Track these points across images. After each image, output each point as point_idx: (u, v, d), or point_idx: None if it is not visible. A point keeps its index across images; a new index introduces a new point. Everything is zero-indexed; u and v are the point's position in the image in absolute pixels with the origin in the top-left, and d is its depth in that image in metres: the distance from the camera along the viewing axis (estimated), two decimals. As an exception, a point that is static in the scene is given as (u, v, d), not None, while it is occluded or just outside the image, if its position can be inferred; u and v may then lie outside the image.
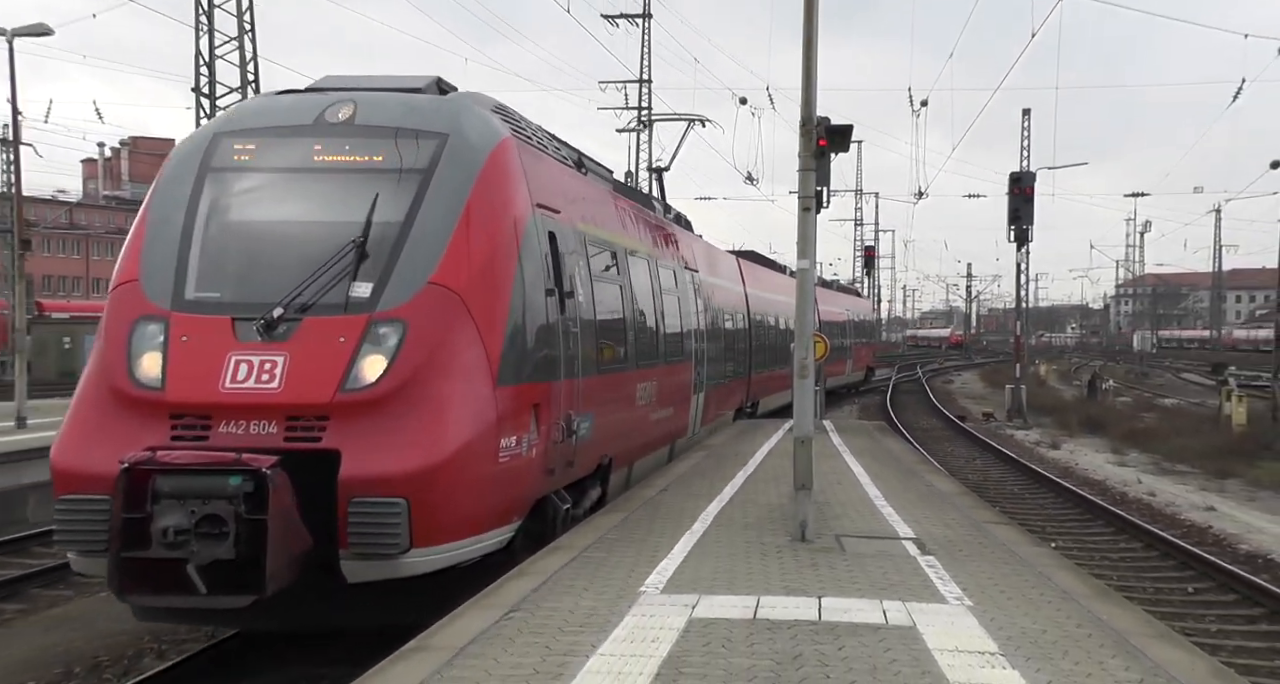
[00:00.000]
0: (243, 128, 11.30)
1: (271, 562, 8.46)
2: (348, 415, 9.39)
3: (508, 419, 10.24)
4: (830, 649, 7.58)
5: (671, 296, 19.22)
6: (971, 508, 14.93)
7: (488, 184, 10.79)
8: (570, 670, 7.05)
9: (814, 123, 12.35)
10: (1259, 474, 25.28)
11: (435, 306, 9.96)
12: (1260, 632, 12.73)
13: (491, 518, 10.18)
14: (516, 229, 11.01)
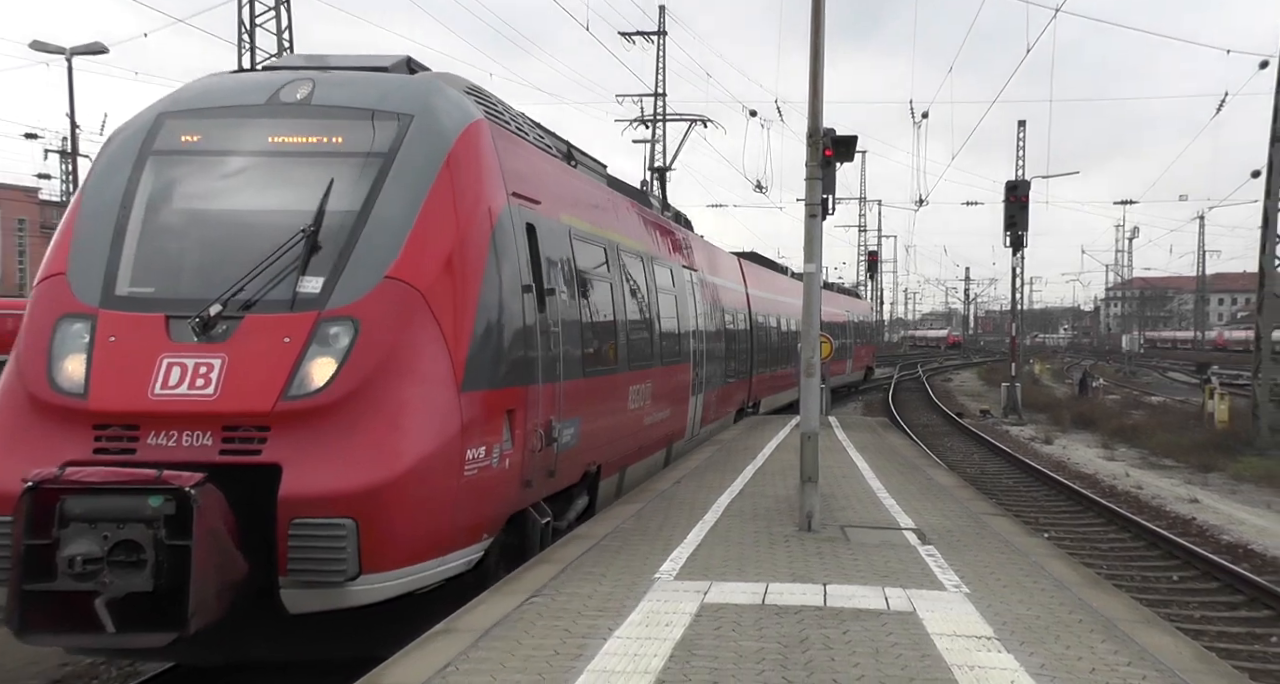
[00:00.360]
0: (189, 108, 9.75)
1: (196, 594, 7.10)
2: (291, 425, 8.03)
3: (474, 428, 8.87)
4: (835, 633, 7.59)
5: (668, 296, 17.79)
6: (969, 500, 14.89)
7: (455, 169, 9.34)
8: (589, 652, 7.06)
9: (820, 134, 12.36)
10: (1240, 468, 25.28)
11: (392, 304, 8.57)
12: (1241, 618, 12.73)
13: (455, 537, 8.78)
14: (488, 220, 9.56)
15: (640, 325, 15.43)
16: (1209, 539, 17.26)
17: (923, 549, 10.70)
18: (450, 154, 9.35)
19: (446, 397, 8.69)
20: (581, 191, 13.57)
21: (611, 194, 15.78)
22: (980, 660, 6.96)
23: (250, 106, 9.65)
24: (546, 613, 8.04)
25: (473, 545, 9.09)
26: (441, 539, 8.57)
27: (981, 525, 12.47)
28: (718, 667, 6.78)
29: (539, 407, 10.22)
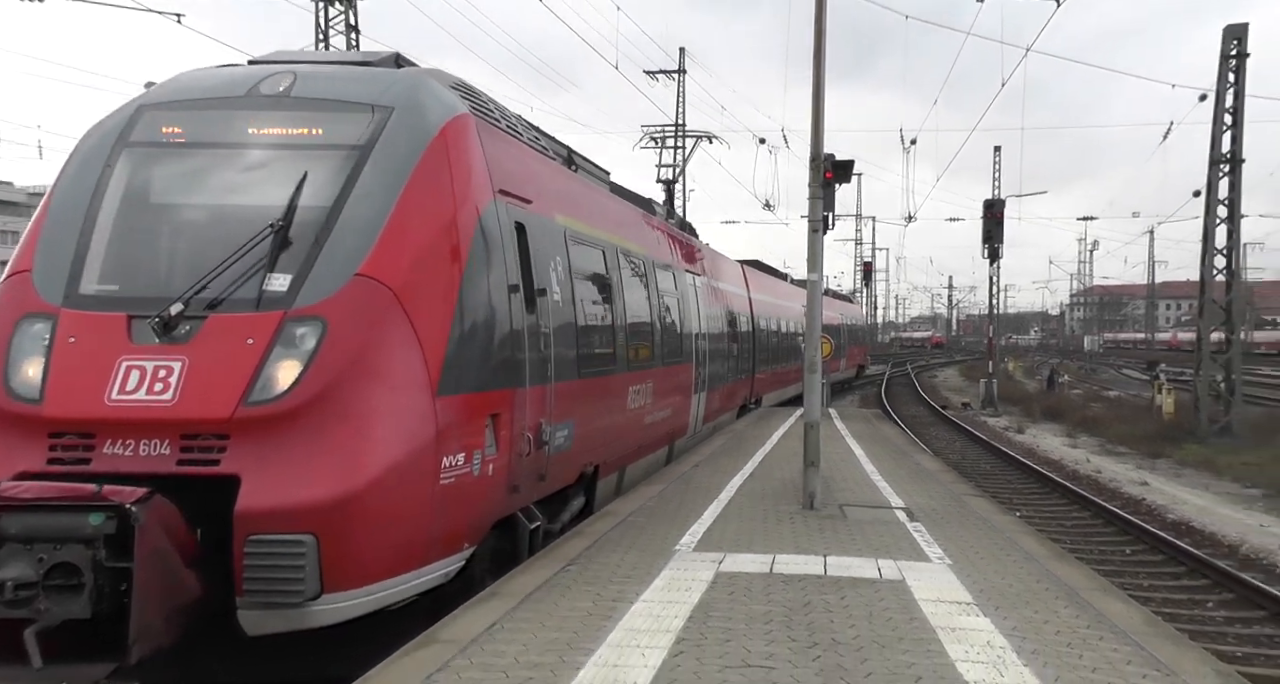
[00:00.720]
0: (168, 100, 8.39)
1: (138, 620, 5.79)
2: (252, 433, 6.69)
3: (451, 434, 7.48)
4: (834, 599, 7.59)
5: (670, 299, 16.10)
6: (951, 483, 14.86)
7: (435, 163, 7.95)
8: (618, 613, 7.09)
9: (821, 158, 12.39)
10: (1184, 455, 25.19)
11: (362, 303, 7.20)
12: (1183, 586, 12.69)
13: (430, 549, 7.41)
14: (470, 216, 8.15)
15: (641, 327, 13.83)
16: (1156, 517, 17.18)
17: (911, 526, 10.68)
18: (430, 147, 7.99)
19: (420, 401, 7.29)
20: (580, 194, 11.99)
21: (613, 199, 14.25)
22: (960, 623, 6.96)
23: (229, 99, 8.30)
24: (580, 579, 8.06)
25: (451, 556, 7.72)
26: (414, 552, 7.24)
27: (962, 505, 12.44)
28: (731, 627, 6.79)
29: (527, 410, 8.80)
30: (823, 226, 12.48)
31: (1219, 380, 27.93)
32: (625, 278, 13.09)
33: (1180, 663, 6.35)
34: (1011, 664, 6.10)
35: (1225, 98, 26.53)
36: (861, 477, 14.58)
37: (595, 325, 11.53)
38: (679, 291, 16.89)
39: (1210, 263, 27.76)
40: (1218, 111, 26.69)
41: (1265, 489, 20.21)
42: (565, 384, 9.86)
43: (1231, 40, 26.52)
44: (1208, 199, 27.33)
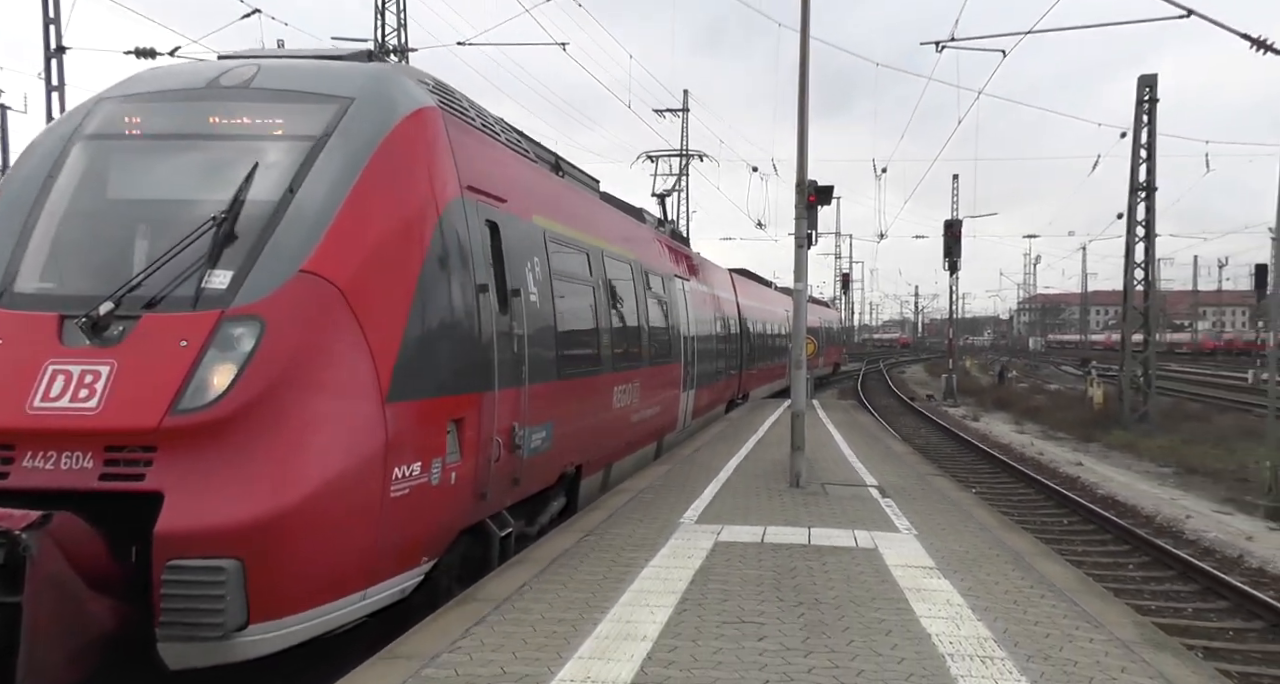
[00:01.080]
0: (130, 92, 7.15)
1: (27, 660, 4.61)
2: (180, 445, 5.43)
3: (405, 442, 6.19)
4: (816, 564, 7.69)
5: (659, 301, 14.64)
6: (917, 464, 14.96)
7: (393, 155, 6.69)
8: (630, 576, 7.20)
9: (805, 184, 12.47)
10: (1111, 439, 25.32)
11: (304, 301, 5.92)
12: (1109, 551, 12.82)
13: (380, 567, 6.12)
14: (431, 211, 6.84)
15: (627, 328, 12.37)
16: (1088, 492, 17.32)
17: (883, 501, 10.77)
18: (388, 138, 6.73)
19: (366, 408, 5.99)
20: (562, 198, 10.57)
21: (600, 205, 12.79)
22: (924, 584, 7.07)
23: (188, 90, 7.08)
24: (597, 548, 8.16)
25: (406, 572, 6.46)
26: (359, 572, 5.97)
27: (927, 483, 12.54)
28: (728, 588, 6.90)
29: (497, 414, 7.49)
30: (807, 242, 12.58)
31: (1139, 375, 28.15)
32: (611, 281, 11.72)
33: (1106, 615, 6.51)
34: (967, 619, 6.22)
35: (1141, 135, 27.08)
36: (840, 459, 14.67)
37: (577, 327, 10.17)
38: (668, 295, 15.44)
39: (1131, 275, 28.22)
40: (1135, 147, 27.27)
41: (1175, 468, 20.52)
42: (542, 386, 8.56)
43: (1144, 88, 27.25)
44: (1129, 221, 27.78)
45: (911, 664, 5.37)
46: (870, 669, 5.28)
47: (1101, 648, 5.77)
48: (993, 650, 5.62)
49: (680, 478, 12.28)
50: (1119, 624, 6.32)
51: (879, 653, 5.55)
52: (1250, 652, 8.92)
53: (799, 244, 12.56)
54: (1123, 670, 5.40)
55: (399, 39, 27.13)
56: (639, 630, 5.88)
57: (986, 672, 5.27)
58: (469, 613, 6.24)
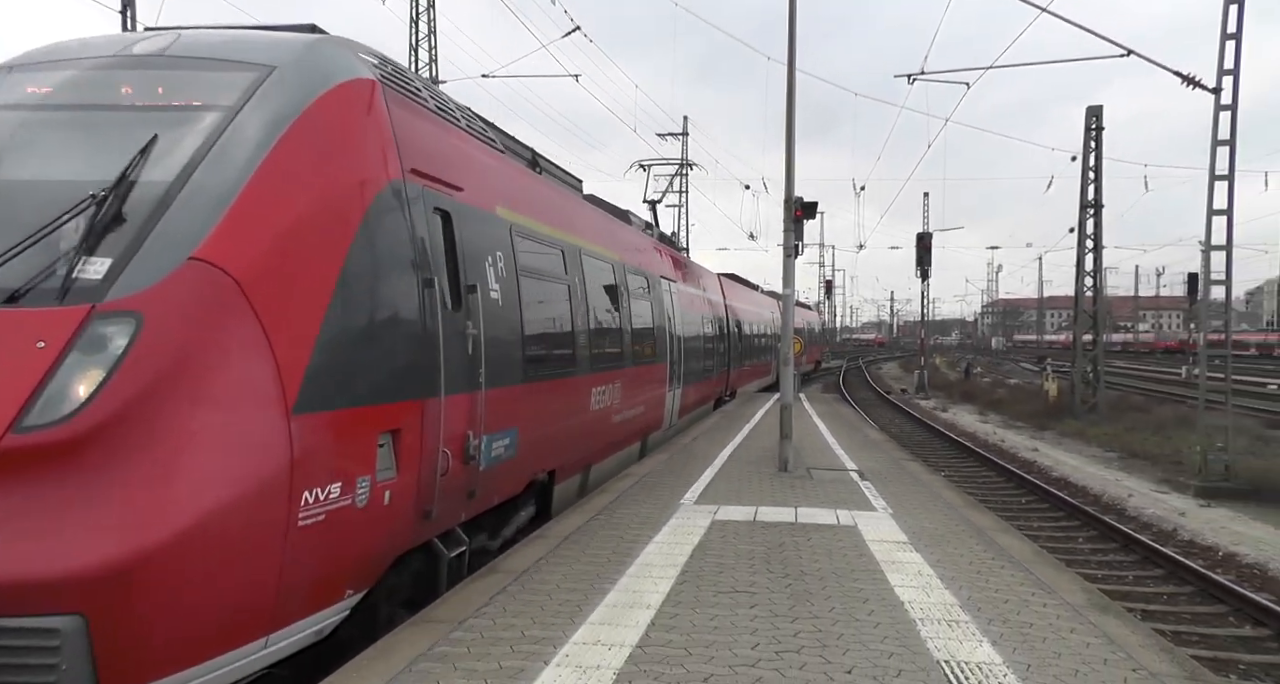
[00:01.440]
0: (37, 60, 5.67)
1: None
2: (21, 470, 3.89)
3: (318, 460, 4.68)
4: (802, 540, 7.63)
5: (644, 301, 13.03)
6: (892, 450, 14.86)
7: (314, 128, 5.16)
8: (636, 551, 7.15)
9: (793, 200, 12.42)
10: (1064, 428, 25.23)
11: (192, 294, 4.41)
12: (1061, 526, 12.74)
13: (286, 608, 4.58)
14: (361, 194, 5.32)
15: (607, 328, 10.73)
16: (1043, 474, 17.25)
17: (862, 484, 10.70)
18: (310, 110, 5.21)
19: (265, 421, 4.48)
20: (535, 193, 8.88)
21: (580, 203, 11.01)
22: (898, 557, 7.01)
23: (97, 58, 5.55)
24: (605, 526, 8.11)
25: (323, 610, 4.93)
26: (259, 616, 4.44)
27: (901, 467, 12.45)
28: (723, 561, 6.85)
29: (446, 422, 5.96)
30: (794, 252, 12.51)
31: (1088, 371, 28.11)
32: (589, 280, 10.09)
33: (1058, 583, 6.44)
34: (936, 588, 6.16)
35: (1089, 159, 27.06)
36: (824, 446, 14.59)
37: (549, 327, 8.66)
38: (653, 295, 13.75)
39: (1082, 282, 28.29)
40: (1084, 169, 27.30)
41: (1119, 453, 20.47)
42: (505, 390, 7.07)
43: (1092, 117, 27.35)
44: (1079, 234, 27.81)
45: (886, 628, 5.31)
46: (849, 633, 5.22)
47: (1054, 612, 5.71)
48: (958, 615, 5.55)
49: (679, 464, 12.22)
50: (1069, 590, 6.26)
51: (857, 618, 5.49)
52: (1182, 613, 8.93)
53: (787, 254, 12.50)
54: (1071, 631, 5.35)
55: (430, 72, 27.17)
56: (644, 599, 5.83)
57: (952, 634, 5.20)
58: (491, 583, 6.20)
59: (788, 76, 12.41)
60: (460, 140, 7.12)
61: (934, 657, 4.84)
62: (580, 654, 4.85)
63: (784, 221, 12.49)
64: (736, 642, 5.06)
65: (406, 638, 5.12)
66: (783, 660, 4.78)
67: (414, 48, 27.22)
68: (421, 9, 27.35)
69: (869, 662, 4.78)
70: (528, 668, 4.66)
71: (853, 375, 56.44)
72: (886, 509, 9.06)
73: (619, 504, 9.19)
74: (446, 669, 4.64)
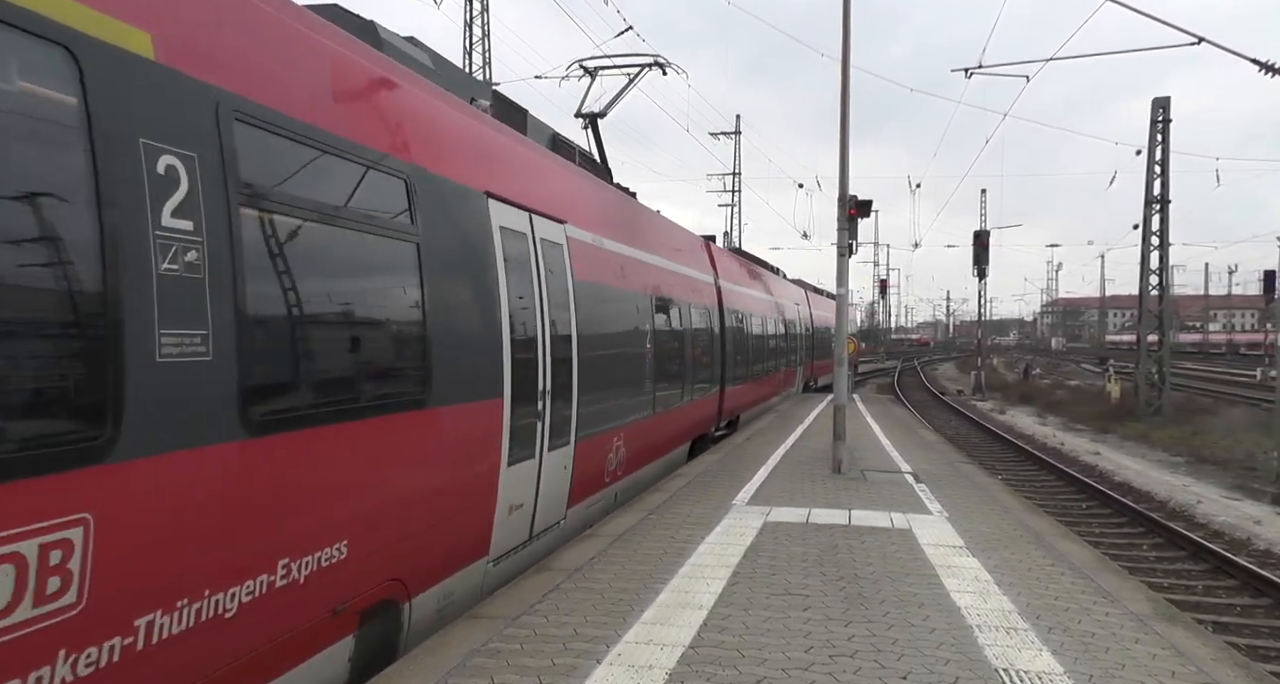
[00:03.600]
0: None
1: None
2: None
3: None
4: (855, 542, 7.58)
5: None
6: (948, 452, 14.64)
7: None
8: (689, 550, 7.16)
9: (847, 199, 12.31)
10: (1127, 431, 24.53)
11: None
12: (1125, 532, 12.43)
13: None
14: None
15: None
16: (1106, 479, 16.80)
17: (917, 486, 10.57)
18: None
19: None
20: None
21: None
22: (954, 562, 6.92)
23: None
24: (658, 525, 8.14)
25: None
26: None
27: (956, 470, 12.27)
28: (775, 564, 6.83)
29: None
30: (848, 251, 12.42)
31: (1154, 372, 27.34)
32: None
33: (1121, 591, 6.28)
34: (993, 593, 6.06)
35: (1155, 153, 26.32)
36: (878, 447, 14.44)
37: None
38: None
39: (1146, 281, 27.47)
40: (1150, 163, 26.58)
41: (1187, 457, 19.78)
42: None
43: (1158, 109, 26.62)
44: (1144, 231, 27.06)
45: (942, 634, 5.24)
46: (904, 638, 5.17)
47: (1117, 621, 5.57)
48: (1016, 622, 5.45)
49: (732, 465, 12.19)
50: (1133, 599, 6.10)
51: (912, 624, 5.43)
52: (1258, 626, 8.63)
53: (841, 253, 12.38)
54: (1136, 641, 5.21)
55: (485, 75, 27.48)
56: (696, 599, 5.84)
57: (1011, 641, 5.11)
58: (544, 581, 6.26)
59: (841, 74, 12.28)
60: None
61: (992, 665, 4.77)
62: (632, 653, 4.88)
63: (838, 220, 12.38)
64: (789, 644, 5.04)
65: (458, 634, 5.19)
66: (836, 665, 4.76)
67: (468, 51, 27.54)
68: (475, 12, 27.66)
69: (925, 668, 4.73)
70: (580, 665, 4.70)
71: (907, 376, 55.67)
72: (942, 512, 8.94)
73: (672, 503, 9.20)
74: (500, 665, 4.71)
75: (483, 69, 27.50)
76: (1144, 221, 26.90)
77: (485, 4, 27.72)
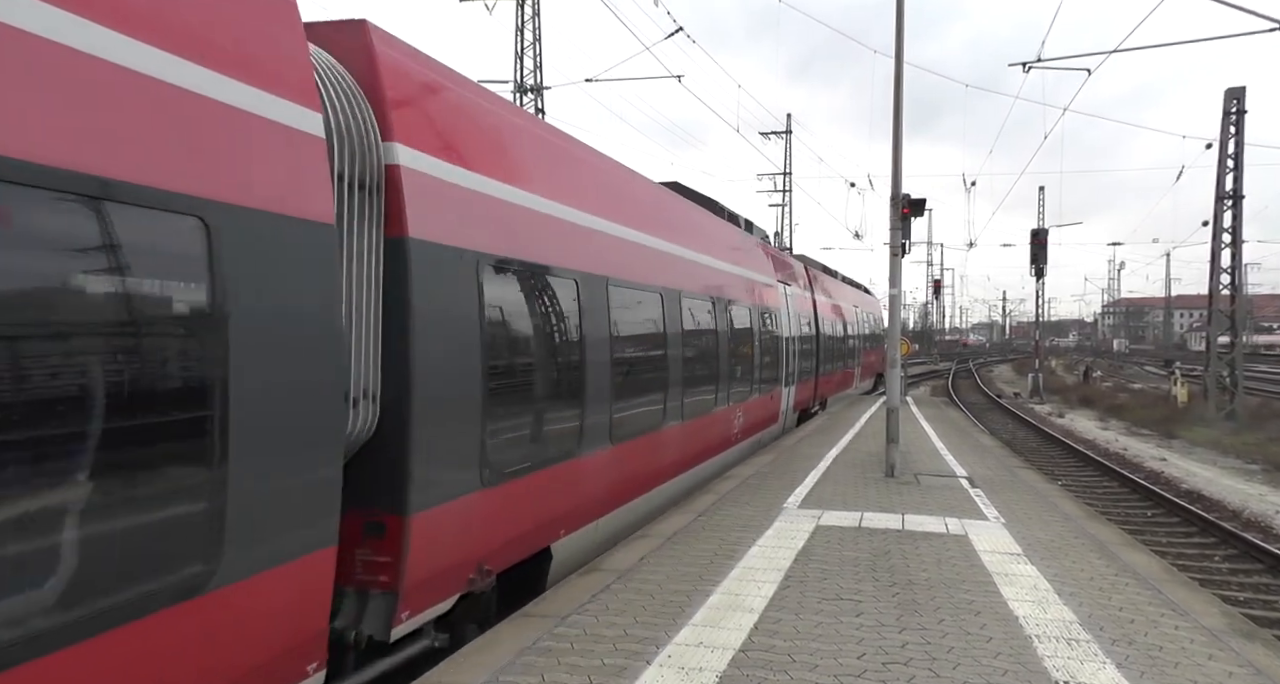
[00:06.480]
0: None
1: None
2: None
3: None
4: (909, 548, 7.50)
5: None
6: (1005, 456, 14.40)
7: None
8: (739, 553, 7.16)
9: (899, 197, 12.18)
10: (1194, 436, 23.74)
11: None
12: (1195, 543, 12.02)
13: None
14: None
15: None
16: (1172, 486, 16.27)
17: (972, 491, 10.42)
18: None
19: None
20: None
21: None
22: (1011, 569, 6.80)
23: None
24: (709, 527, 8.14)
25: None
26: None
27: (1014, 474, 12.06)
28: (827, 567, 6.79)
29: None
30: (901, 251, 12.29)
31: (1225, 375, 26.50)
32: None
33: (1192, 605, 6.10)
34: (1053, 602, 5.95)
35: (1228, 146, 25.53)
36: (932, 451, 14.25)
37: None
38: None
39: (1217, 280, 26.63)
40: (1221, 157, 25.75)
41: (1263, 465, 19.02)
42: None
43: (1232, 100, 25.75)
44: (1215, 228, 26.23)
45: (999, 644, 5.16)
46: (960, 647, 5.10)
47: (1187, 635, 5.42)
48: (1078, 633, 5.35)
49: (783, 467, 12.14)
50: (1205, 613, 5.92)
51: (968, 632, 5.35)
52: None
53: (893, 253, 12.26)
54: (1210, 658, 5.06)
55: (536, 79, 27.67)
56: (746, 603, 5.84)
57: (1072, 653, 5.02)
58: (594, 581, 6.30)
59: (895, 71, 12.15)
60: None
61: (1052, 677, 4.69)
62: (683, 655, 4.89)
63: (890, 219, 12.26)
64: (841, 650, 5.01)
65: (508, 632, 5.26)
66: (889, 673, 4.72)
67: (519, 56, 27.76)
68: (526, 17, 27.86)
69: (981, 678, 4.66)
70: (630, 666, 4.72)
71: (962, 378, 54.81)
72: (998, 518, 8.80)
73: (722, 505, 9.19)
74: (551, 663, 4.75)
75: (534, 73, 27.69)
76: (1214, 218, 26.12)
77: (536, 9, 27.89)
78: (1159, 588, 6.44)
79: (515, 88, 27.81)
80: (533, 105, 27.85)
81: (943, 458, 13.43)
